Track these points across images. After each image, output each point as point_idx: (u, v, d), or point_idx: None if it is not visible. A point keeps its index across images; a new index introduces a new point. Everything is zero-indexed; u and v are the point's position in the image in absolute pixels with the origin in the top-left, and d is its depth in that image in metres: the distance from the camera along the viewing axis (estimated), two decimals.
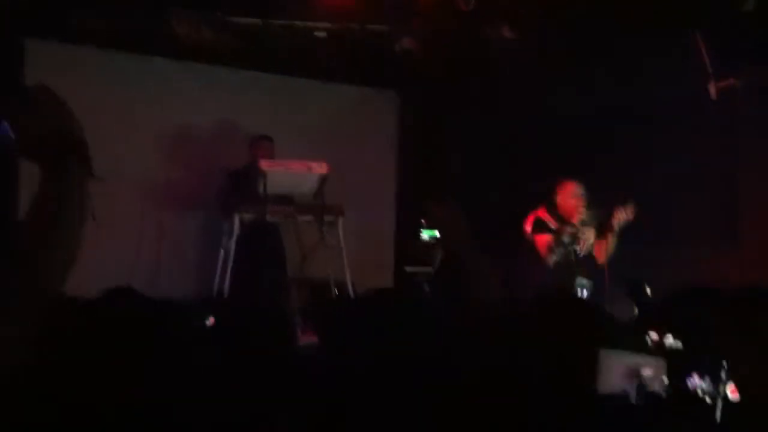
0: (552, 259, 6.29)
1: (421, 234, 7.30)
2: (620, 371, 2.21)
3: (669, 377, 2.22)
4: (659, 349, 2.47)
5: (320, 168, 7.03)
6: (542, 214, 6.46)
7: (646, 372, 2.19)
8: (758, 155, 6.92)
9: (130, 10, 6.91)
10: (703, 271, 6.50)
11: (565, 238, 6.26)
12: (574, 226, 6.33)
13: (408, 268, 8.21)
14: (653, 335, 2.65)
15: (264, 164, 6.84)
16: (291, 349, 2.75)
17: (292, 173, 6.92)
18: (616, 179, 7.38)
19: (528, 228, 6.42)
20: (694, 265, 6.61)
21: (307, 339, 6.02)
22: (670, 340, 2.54)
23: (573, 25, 7.03)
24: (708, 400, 2.13)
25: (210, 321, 2.80)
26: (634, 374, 2.19)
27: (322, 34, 7.30)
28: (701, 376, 2.16)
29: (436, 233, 7.20)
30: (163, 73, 7.98)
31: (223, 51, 7.50)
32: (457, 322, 2.70)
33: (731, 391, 2.13)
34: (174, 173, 8.07)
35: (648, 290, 5.97)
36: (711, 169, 7.13)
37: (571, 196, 6.43)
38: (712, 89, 6.94)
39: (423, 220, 7.29)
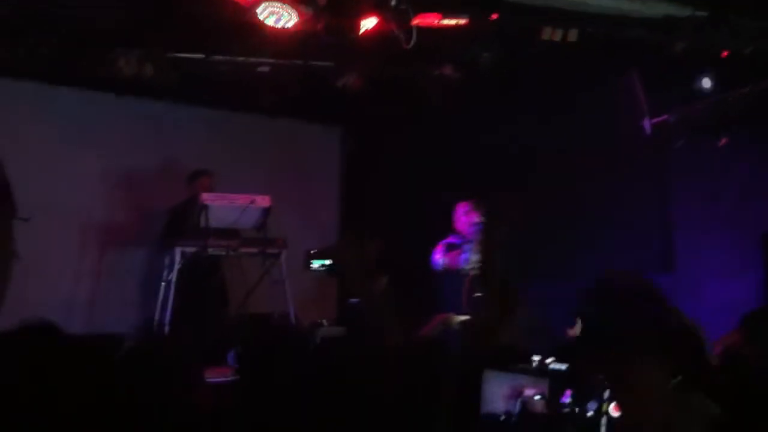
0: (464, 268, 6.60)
1: (311, 264, 7.34)
2: (504, 391, 2.28)
3: (551, 397, 2.30)
4: (542, 370, 2.55)
5: (263, 201, 7.06)
6: (450, 239, 6.88)
7: (529, 392, 2.27)
8: (689, 185, 7.13)
9: (72, 45, 6.90)
10: None
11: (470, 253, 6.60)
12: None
13: (352, 300, 8.24)
14: (536, 357, 2.74)
15: (206, 197, 6.85)
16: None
17: (234, 206, 6.95)
18: (553, 210, 7.58)
19: (438, 257, 6.84)
20: None
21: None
22: (552, 362, 2.63)
23: (515, 64, 7.19)
24: (588, 416, 2.22)
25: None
26: (518, 394, 2.27)
27: (265, 69, 7.35)
28: (582, 396, 2.24)
29: (327, 262, 7.29)
30: (104, 109, 7.97)
31: (165, 86, 7.51)
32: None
33: (614, 409, 2.22)
34: (116, 208, 8.04)
35: None
36: (646, 200, 7.34)
37: (462, 215, 6.88)
38: (647, 125, 7.15)
39: (312, 251, 7.36)
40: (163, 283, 7.03)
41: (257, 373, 2.69)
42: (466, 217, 6.86)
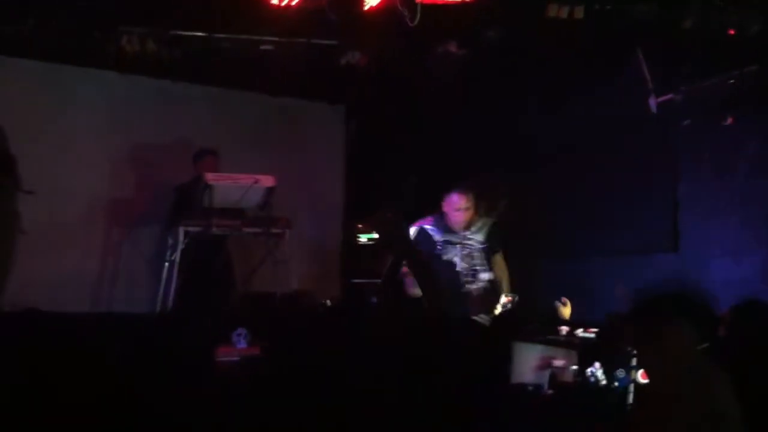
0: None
1: (358, 238, 7.29)
2: (533, 362, 2.29)
3: (580, 367, 2.31)
4: (571, 341, 2.55)
5: (267, 181, 7.02)
6: (428, 224, 6.48)
7: (558, 362, 2.27)
8: (695, 164, 7.10)
9: (74, 23, 6.85)
10: (645, 276, 6.65)
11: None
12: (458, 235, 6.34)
13: (355, 280, 8.22)
14: (564, 329, 2.74)
15: (210, 177, 6.82)
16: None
17: (238, 186, 6.90)
18: (560, 190, 7.56)
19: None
20: (637, 272, 6.77)
21: (253, 352, 6.03)
22: (581, 332, 2.65)
23: (519, 43, 7.14)
24: (616, 385, 2.23)
25: None
26: (547, 365, 2.27)
27: (268, 47, 7.30)
28: (610, 365, 2.25)
29: (375, 235, 7.19)
30: (108, 87, 7.92)
31: (168, 64, 7.46)
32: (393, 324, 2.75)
33: (642, 376, 2.24)
34: (120, 187, 8.01)
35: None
36: (653, 179, 7.31)
37: (454, 209, 6.44)
38: (653, 103, 7.10)
39: (359, 225, 7.29)
40: (166, 264, 7.01)
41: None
42: (456, 213, 6.44)
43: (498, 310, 6.01)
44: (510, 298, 6.06)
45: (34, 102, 7.44)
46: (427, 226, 6.44)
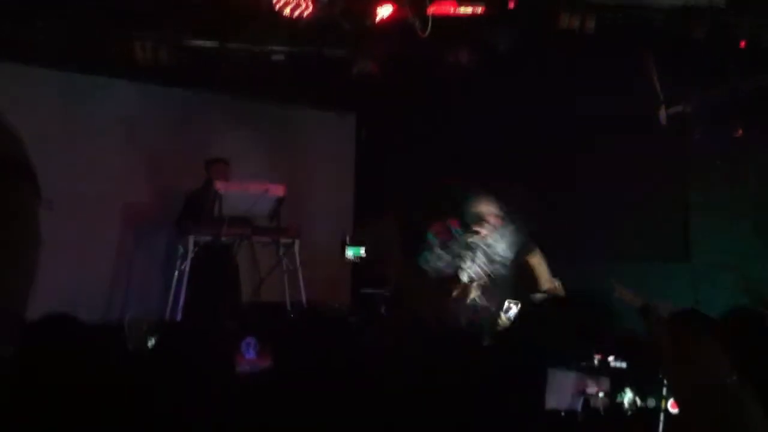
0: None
1: (346, 252, 7.22)
2: (567, 388, 2.29)
3: (612, 394, 2.31)
4: (603, 368, 2.56)
5: (277, 190, 7.04)
6: (454, 224, 6.35)
7: (591, 389, 2.27)
8: (707, 174, 7.08)
9: (88, 31, 6.89)
10: (655, 285, 6.62)
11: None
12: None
13: (364, 290, 8.22)
14: (597, 356, 2.75)
15: (220, 186, 6.83)
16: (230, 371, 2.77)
17: (248, 195, 6.92)
18: (572, 198, 7.55)
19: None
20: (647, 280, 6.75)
21: (262, 362, 6.03)
22: (613, 360, 2.66)
23: (530, 50, 7.15)
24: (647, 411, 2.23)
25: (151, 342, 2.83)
26: (580, 391, 2.27)
27: (279, 57, 7.32)
28: (641, 392, 2.25)
29: (361, 251, 7.13)
30: (120, 95, 7.95)
31: (180, 73, 7.49)
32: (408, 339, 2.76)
33: (671, 406, 2.24)
34: (132, 193, 8.03)
35: None
36: (663, 186, 7.30)
37: (490, 216, 6.28)
38: (662, 115, 7.08)
39: (347, 238, 7.23)
40: (176, 272, 7.02)
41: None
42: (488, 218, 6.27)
43: (503, 320, 5.86)
44: (515, 308, 5.87)
45: (46, 110, 7.46)
46: (447, 237, 6.34)
